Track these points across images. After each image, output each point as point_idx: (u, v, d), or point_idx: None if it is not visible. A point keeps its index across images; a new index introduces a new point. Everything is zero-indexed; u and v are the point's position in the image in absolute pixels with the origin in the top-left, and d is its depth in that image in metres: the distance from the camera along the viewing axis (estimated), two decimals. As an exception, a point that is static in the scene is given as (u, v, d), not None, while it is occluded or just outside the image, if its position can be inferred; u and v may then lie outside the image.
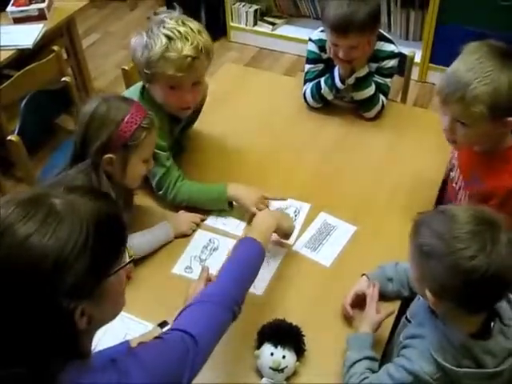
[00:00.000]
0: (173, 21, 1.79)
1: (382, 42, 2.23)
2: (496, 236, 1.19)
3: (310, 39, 2.32)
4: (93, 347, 1.07)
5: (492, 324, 1.31)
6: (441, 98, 1.63)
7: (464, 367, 1.27)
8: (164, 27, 1.76)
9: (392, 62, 2.24)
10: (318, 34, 2.30)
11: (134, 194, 1.83)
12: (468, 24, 3.52)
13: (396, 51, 2.25)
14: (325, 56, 2.27)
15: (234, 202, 1.92)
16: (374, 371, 1.40)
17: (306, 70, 2.36)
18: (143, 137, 1.62)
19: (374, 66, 2.24)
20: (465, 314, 1.28)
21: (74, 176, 1.56)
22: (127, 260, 1.08)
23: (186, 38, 1.76)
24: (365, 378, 1.38)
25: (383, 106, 2.28)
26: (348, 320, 1.58)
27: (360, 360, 1.42)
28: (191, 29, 1.79)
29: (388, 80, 2.28)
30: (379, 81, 2.26)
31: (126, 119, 1.59)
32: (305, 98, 2.34)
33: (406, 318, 1.48)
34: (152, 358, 1.06)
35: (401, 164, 2.09)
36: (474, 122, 1.57)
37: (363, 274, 1.63)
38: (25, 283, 0.90)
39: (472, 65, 1.54)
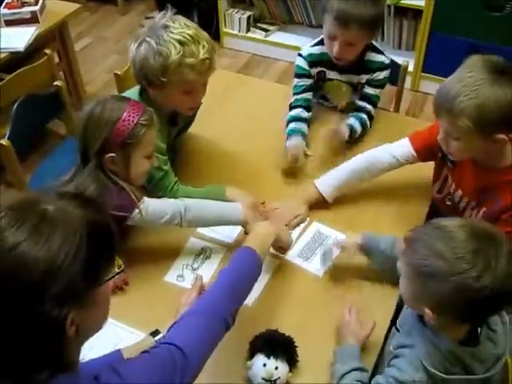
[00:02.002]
0: (177, 24, 1.78)
1: (374, 53, 2.21)
2: (499, 251, 1.19)
3: (300, 54, 2.27)
4: (82, 357, 1.05)
5: (479, 330, 1.31)
6: (433, 110, 1.62)
7: (454, 374, 1.27)
8: (172, 32, 1.75)
9: (383, 74, 2.23)
10: (308, 48, 2.25)
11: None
12: (460, 34, 3.56)
13: (387, 62, 2.23)
14: (314, 71, 2.25)
15: None
16: (363, 383, 1.39)
17: (294, 83, 2.31)
18: (142, 134, 1.61)
19: (365, 77, 2.24)
20: (457, 323, 1.28)
21: (85, 180, 1.57)
22: (116, 270, 1.07)
23: (198, 41, 1.78)
24: (356, 390, 1.38)
25: (372, 117, 2.27)
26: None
27: (349, 372, 1.41)
28: (195, 29, 1.80)
29: (378, 90, 2.26)
30: (370, 92, 2.25)
31: (122, 118, 1.58)
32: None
33: (396, 327, 1.47)
34: (138, 374, 1.05)
35: (393, 173, 2.09)
36: (462, 136, 1.56)
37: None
38: (12, 292, 0.89)
39: (462, 78, 1.53)
